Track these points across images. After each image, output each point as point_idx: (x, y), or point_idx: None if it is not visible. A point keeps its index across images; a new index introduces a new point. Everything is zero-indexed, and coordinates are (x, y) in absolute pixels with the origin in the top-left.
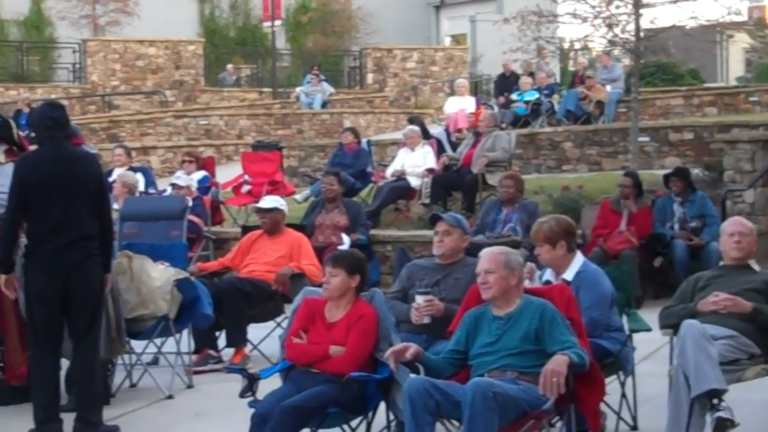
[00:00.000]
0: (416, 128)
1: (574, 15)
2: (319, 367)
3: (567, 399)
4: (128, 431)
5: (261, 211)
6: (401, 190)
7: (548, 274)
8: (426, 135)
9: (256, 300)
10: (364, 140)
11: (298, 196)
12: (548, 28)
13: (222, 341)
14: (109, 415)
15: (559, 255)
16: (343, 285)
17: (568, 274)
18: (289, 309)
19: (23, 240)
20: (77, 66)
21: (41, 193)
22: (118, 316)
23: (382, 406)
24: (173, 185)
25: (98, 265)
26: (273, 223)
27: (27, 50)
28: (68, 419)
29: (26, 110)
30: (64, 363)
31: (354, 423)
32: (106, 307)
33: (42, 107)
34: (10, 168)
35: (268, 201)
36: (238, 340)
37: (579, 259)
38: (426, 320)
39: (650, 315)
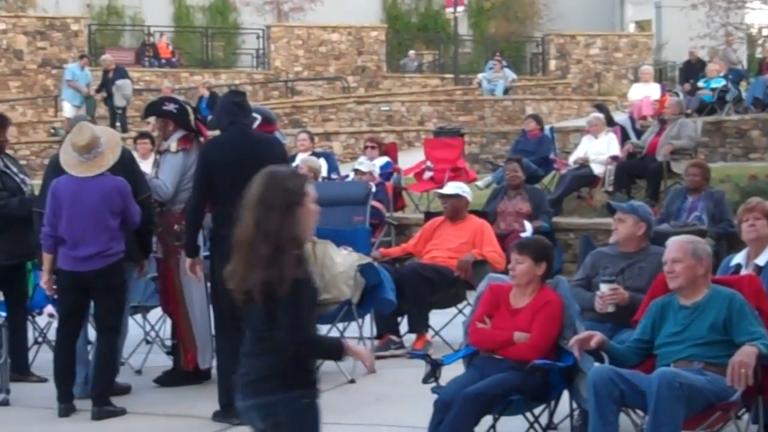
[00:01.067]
0: (600, 115)
1: (765, 1)
2: (503, 353)
3: (755, 391)
4: None
5: (444, 197)
6: (584, 177)
7: (739, 258)
8: (610, 122)
9: (438, 286)
10: (546, 127)
11: (479, 183)
12: (737, 14)
13: (404, 327)
14: None
15: None
16: (529, 272)
17: (761, 259)
18: (471, 295)
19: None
20: (261, 52)
21: (225, 176)
22: None
23: (566, 394)
24: (356, 171)
25: None
26: (455, 209)
27: (212, 36)
28: None
29: (206, 94)
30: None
31: (537, 411)
32: None
33: (225, 94)
34: (178, 159)
35: (451, 187)
36: (420, 325)
37: None
38: (610, 309)
39: None
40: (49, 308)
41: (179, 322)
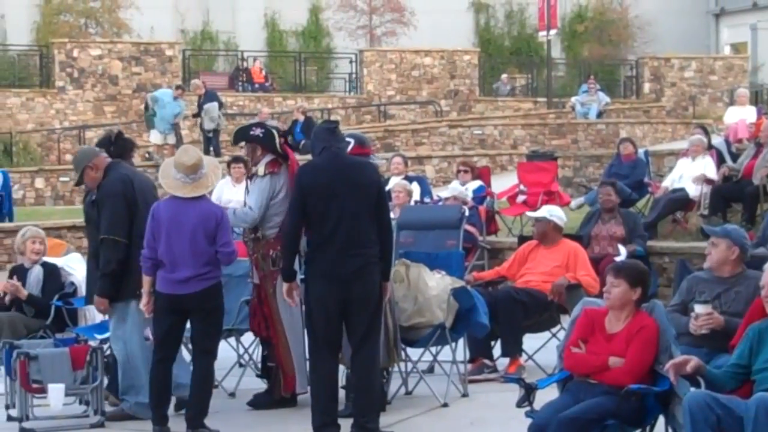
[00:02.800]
0: (704, 138)
1: None
2: (598, 378)
3: None
4: None
5: (533, 220)
6: (679, 201)
7: None
8: (708, 145)
9: (531, 310)
10: (641, 150)
11: (572, 203)
12: None
13: (497, 351)
14: (384, 421)
15: None
16: (625, 296)
17: None
18: (564, 319)
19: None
20: (353, 76)
21: (320, 201)
22: (394, 324)
23: (661, 419)
24: (446, 198)
25: (378, 272)
26: (542, 233)
27: (305, 60)
28: (345, 425)
29: (301, 119)
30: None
31: None
32: (384, 315)
33: (319, 124)
34: (265, 182)
35: (541, 211)
36: (513, 350)
37: None
38: (704, 330)
39: None
40: (147, 331)
41: (278, 348)
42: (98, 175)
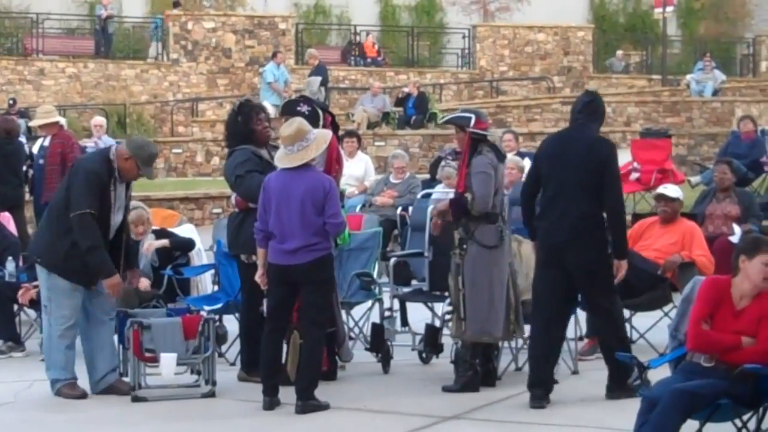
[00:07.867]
0: None
1: None
2: (726, 359)
3: None
4: (512, 414)
5: (666, 200)
6: None
7: None
8: None
9: (637, 287)
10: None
11: (692, 179)
12: None
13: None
14: (493, 397)
15: None
16: None
17: None
18: (675, 298)
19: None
20: (466, 51)
21: (549, 170)
22: (516, 298)
23: None
24: None
25: (594, 245)
26: (673, 212)
27: (418, 35)
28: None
29: (415, 93)
30: None
31: (745, 417)
32: (507, 289)
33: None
34: None
35: (673, 190)
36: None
37: None
38: None
39: None
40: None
41: None
42: None
